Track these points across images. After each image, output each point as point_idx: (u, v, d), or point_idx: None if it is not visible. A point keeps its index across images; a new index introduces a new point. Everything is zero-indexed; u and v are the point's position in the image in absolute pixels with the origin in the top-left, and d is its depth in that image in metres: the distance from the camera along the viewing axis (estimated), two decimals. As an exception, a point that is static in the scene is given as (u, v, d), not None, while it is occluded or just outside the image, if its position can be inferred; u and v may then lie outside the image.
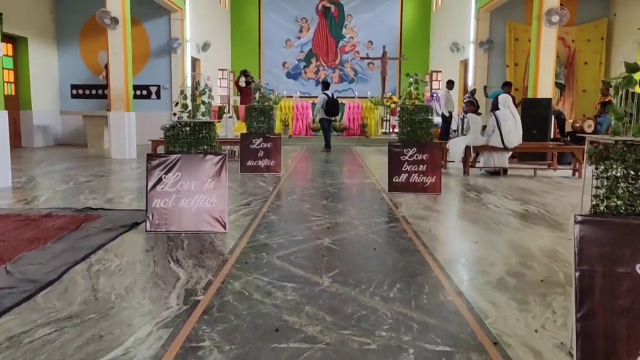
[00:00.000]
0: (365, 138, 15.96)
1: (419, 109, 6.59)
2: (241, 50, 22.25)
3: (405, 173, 6.54)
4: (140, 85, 14.85)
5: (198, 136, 4.44)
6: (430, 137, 6.64)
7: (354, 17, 22.93)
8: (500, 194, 6.53)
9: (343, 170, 9.16)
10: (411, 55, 21.33)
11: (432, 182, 6.50)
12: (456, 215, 5.21)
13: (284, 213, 5.24)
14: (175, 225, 4.28)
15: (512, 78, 14.77)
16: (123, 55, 10.61)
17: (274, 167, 8.32)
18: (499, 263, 3.52)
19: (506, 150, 8.36)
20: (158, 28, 14.70)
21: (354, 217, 5.05)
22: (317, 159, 11.21)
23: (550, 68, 10.48)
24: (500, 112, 8.25)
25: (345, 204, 5.78)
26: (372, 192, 6.71)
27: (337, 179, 7.85)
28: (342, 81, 23.09)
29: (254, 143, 8.35)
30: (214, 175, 4.37)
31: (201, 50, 16.95)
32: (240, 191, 6.60)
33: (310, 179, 7.81)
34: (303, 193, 6.48)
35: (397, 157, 6.58)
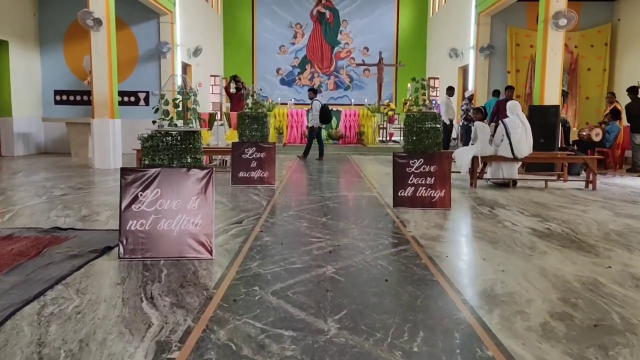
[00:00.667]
0: (362, 146, 15.43)
1: (426, 116, 6.04)
2: (234, 56, 21.72)
3: (411, 186, 5.98)
4: (127, 92, 14.27)
5: (181, 147, 3.85)
6: (438, 147, 6.09)
7: (349, 23, 22.48)
8: (515, 209, 5.98)
9: (341, 182, 8.60)
10: (408, 61, 20.86)
11: (441, 197, 5.95)
12: (472, 236, 4.64)
13: (280, 233, 4.65)
14: (153, 251, 3.69)
15: (514, 85, 14.29)
16: (107, 59, 10.01)
17: (267, 178, 7.74)
18: (537, 300, 2.95)
19: (516, 161, 7.83)
20: (146, 32, 14.13)
21: (358, 237, 4.47)
22: (313, 169, 10.64)
23: (558, 74, 9.99)
24: (509, 120, 7.72)
25: (347, 221, 5.20)
26: (374, 207, 6.14)
27: (335, 192, 7.27)
28: (338, 88, 22.61)
29: (246, 153, 7.77)
30: (199, 192, 3.78)
31: (192, 56, 16.39)
32: (231, 206, 6.01)
33: (307, 192, 7.24)
34: (300, 208, 5.90)
35: (402, 169, 6.02)
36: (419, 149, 6.09)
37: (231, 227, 4.87)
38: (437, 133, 6.06)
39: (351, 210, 5.90)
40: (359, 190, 7.41)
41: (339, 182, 8.56)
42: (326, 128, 15.94)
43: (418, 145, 6.09)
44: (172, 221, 3.72)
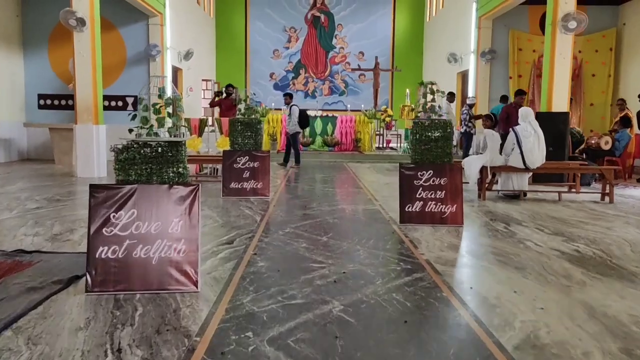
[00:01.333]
0: (359, 154, 14.90)
1: (436, 124, 5.51)
2: (226, 60, 21.20)
3: (419, 201, 5.45)
4: (115, 96, 13.68)
5: (162, 160, 3.29)
6: (449, 158, 5.57)
7: (344, 27, 22.03)
8: (533, 226, 5.46)
9: (340, 193, 8.05)
10: (404, 66, 20.44)
11: (452, 212, 5.41)
12: (494, 260, 4.11)
13: (276, 257, 4.09)
14: (127, 283, 3.12)
15: (516, 89, 13.84)
16: (91, 61, 9.43)
17: (261, 189, 7.19)
18: (595, 352, 2.41)
19: (527, 171, 7.33)
20: (135, 34, 13.55)
21: (365, 262, 3.92)
22: (309, 178, 10.09)
23: (566, 79, 9.53)
24: (520, 127, 7.22)
25: (351, 241, 4.65)
26: (379, 223, 5.59)
27: (335, 204, 6.73)
28: (332, 93, 22.13)
29: (239, 162, 7.21)
30: (182, 213, 3.22)
31: (183, 59, 15.83)
32: (221, 222, 5.44)
33: (304, 205, 6.68)
34: (297, 224, 5.34)
35: (409, 182, 5.48)
36: (427, 160, 5.56)
37: (221, 248, 4.30)
38: (448, 142, 5.53)
39: (354, 227, 5.35)
40: (360, 203, 6.86)
41: (338, 193, 8.02)
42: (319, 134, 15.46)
43: (427, 155, 5.56)
44: (150, 247, 3.15)
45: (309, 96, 21.96)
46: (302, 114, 11.76)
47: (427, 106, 5.63)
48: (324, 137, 15.51)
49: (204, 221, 5.46)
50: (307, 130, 15.61)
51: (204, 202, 6.72)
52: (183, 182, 3.31)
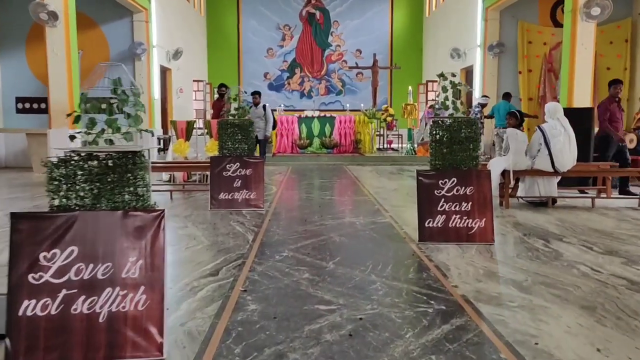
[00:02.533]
0: (360, 156, 14.05)
1: (461, 123, 4.65)
2: (219, 60, 20.33)
3: (442, 214, 4.58)
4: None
5: (114, 178, 2.42)
6: (475, 163, 4.71)
7: (340, 24, 21.20)
8: (577, 242, 4.60)
9: (344, 202, 7.18)
10: (403, 63, 19.61)
11: (481, 227, 4.55)
12: (550, 294, 3.23)
13: (271, 295, 3.21)
14: (63, 350, 2.24)
15: (525, 86, 13.05)
16: (66, 59, 8.56)
17: (255, 200, 6.31)
18: None
19: (555, 175, 6.48)
20: (119, 31, 12.67)
21: (385, 301, 3.06)
22: (308, 184, 9.22)
23: (589, 71, 8.70)
24: (548, 125, 6.37)
25: (364, 267, 3.78)
26: (394, 241, 4.73)
27: (340, 217, 5.85)
28: (329, 93, 21.30)
29: (229, 169, 6.34)
30: (142, 249, 2.35)
31: (172, 59, 14.95)
32: (207, 243, 4.57)
33: (304, 218, 5.81)
34: (297, 245, 4.47)
35: (429, 192, 4.62)
36: (450, 165, 4.70)
37: (202, 282, 3.43)
38: (475, 144, 4.67)
39: (365, 248, 4.48)
40: (368, 215, 5.99)
41: (341, 202, 7.14)
42: (320, 137, 14.58)
43: (450, 160, 4.70)
44: (96, 299, 2.28)
45: (305, 96, 21.13)
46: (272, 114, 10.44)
47: (448, 102, 4.72)
48: (322, 139, 14.65)
49: (187, 242, 4.58)
50: (305, 132, 14.77)
51: (189, 217, 5.85)
52: (144, 206, 2.43)
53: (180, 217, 5.84)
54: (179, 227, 5.26)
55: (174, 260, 3.93)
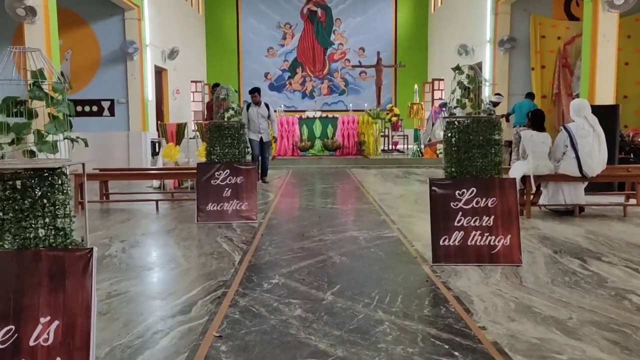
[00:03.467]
0: (363, 158, 13.38)
1: (481, 124, 3.99)
2: (218, 60, 19.70)
3: (459, 230, 3.91)
4: (89, 100, 12.16)
5: (22, 205, 1.77)
6: (498, 171, 4.04)
7: (343, 22, 20.51)
8: (619, 262, 3.93)
9: (346, 211, 6.51)
10: (408, 62, 18.89)
11: (506, 246, 3.88)
12: (602, 339, 2.56)
13: (253, 343, 2.55)
14: None
15: (538, 83, 12.34)
16: (45, 58, 7.92)
17: (246, 212, 5.65)
18: None
19: (583, 180, 5.80)
20: (109, 30, 12.02)
21: (396, 353, 2.39)
22: (308, 190, 8.57)
23: (612, 66, 8.01)
24: (574, 125, 5.69)
25: (368, 299, 3.12)
26: (404, 261, 4.06)
27: (341, 230, 5.19)
28: (332, 93, 20.61)
29: (217, 177, 5.68)
30: (60, 305, 1.70)
31: (167, 59, 14.33)
32: (185, 267, 3.92)
33: (301, 231, 5.16)
34: (291, 268, 3.82)
35: (445, 204, 3.95)
36: (468, 173, 4.04)
37: (169, 323, 2.77)
38: (497, 149, 4.00)
39: (370, 273, 3.80)
40: (373, 227, 5.33)
41: (343, 212, 6.47)
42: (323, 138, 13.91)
43: (467, 167, 4.03)
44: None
45: (307, 96, 20.47)
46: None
47: (465, 99, 4.04)
48: (323, 141, 13.99)
49: (162, 266, 3.93)
50: (306, 133, 14.11)
51: (171, 232, 5.21)
52: (64, 244, 1.78)
53: (162, 232, 5.20)
54: (158, 245, 4.61)
55: (140, 293, 3.28)
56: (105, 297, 3.13)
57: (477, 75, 4.11)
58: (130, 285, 3.38)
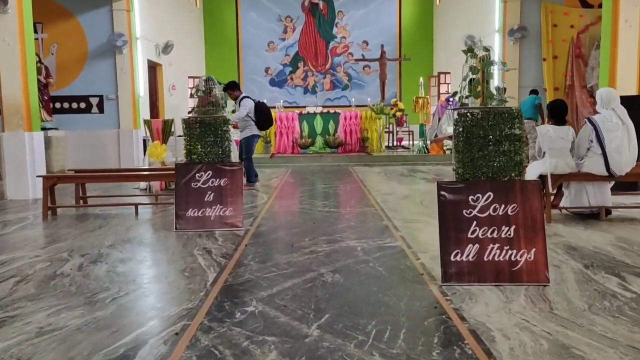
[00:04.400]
0: (367, 155, 12.73)
1: (498, 116, 3.34)
2: (216, 55, 19.08)
3: (474, 243, 3.28)
4: (76, 96, 11.60)
5: None
6: (518, 171, 3.40)
7: (345, 15, 19.84)
8: (664, 280, 3.29)
9: (344, 215, 5.86)
10: (413, 55, 18.16)
11: (529, 261, 3.24)
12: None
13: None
14: None
15: (550, 75, 11.67)
16: (19, 49, 7.33)
17: (231, 218, 5.04)
18: None
19: (609, 180, 5.14)
20: (97, 22, 11.43)
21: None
22: (305, 191, 7.95)
23: (634, 53, 7.31)
24: (601, 117, 5.03)
25: (363, 337, 2.50)
26: (407, 280, 3.43)
27: (337, 239, 4.56)
28: (335, 88, 19.95)
29: (198, 179, 5.07)
30: None
31: (162, 53, 13.73)
32: (148, 289, 3.30)
33: (291, 241, 4.54)
34: (272, 292, 3.20)
35: (456, 212, 3.32)
36: (484, 175, 3.40)
37: (106, 374, 2.16)
38: (518, 146, 3.36)
39: (367, 296, 3.16)
40: (374, 235, 4.70)
41: (342, 216, 5.83)
42: (325, 135, 13.27)
43: (482, 167, 3.39)
44: None
45: (309, 92, 19.83)
46: (260, 108, 7.99)
47: (478, 87, 3.40)
48: (325, 137, 13.36)
49: (119, 288, 3.31)
50: (306, 130, 13.47)
51: (144, 242, 4.60)
52: None
53: (134, 243, 4.58)
54: (123, 260, 3.99)
55: (80, 328, 2.65)
56: (35, 336, 2.51)
57: (491, 59, 3.46)
58: (71, 317, 2.76)
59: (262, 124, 8.03)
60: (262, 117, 7.92)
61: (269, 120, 8.06)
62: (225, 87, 7.63)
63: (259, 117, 7.89)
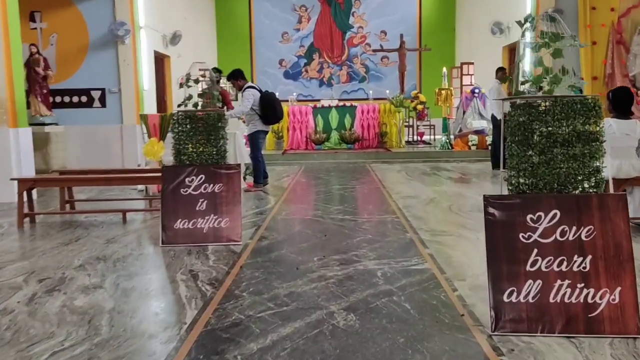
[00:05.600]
0: (385, 151, 11.87)
1: (568, 107, 2.50)
2: (229, 47, 18.33)
3: (535, 278, 2.44)
4: (77, 90, 10.89)
5: None
6: (596, 182, 2.55)
7: (362, 3, 18.92)
8: None
9: (361, 225, 5.02)
10: (434, 45, 17.19)
11: (613, 304, 2.39)
12: None
13: None
14: None
15: (589, 62, 10.63)
16: (2, 38, 6.63)
17: (227, 230, 4.25)
18: None
19: (683, 185, 4.25)
20: (98, 10, 10.71)
21: None
22: (318, 193, 7.14)
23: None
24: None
25: None
26: (443, 323, 2.60)
27: (351, 258, 3.76)
28: (352, 80, 19.08)
29: (188, 184, 4.29)
30: None
31: (169, 44, 13.01)
32: (101, 337, 2.52)
33: (296, 261, 3.75)
34: (265, 343, 2.41)
35: (510, 236, 2.49)
36: (547, 187, 2.55)
37: None
38: (594, 148, 2.51)
39: (390, 354, 2.35)
40: (397, 253, 3.88)
41: (358, 226, 5.00)
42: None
43: (545, 177, 2.55)
44: None
45: (325, 84, 18.98)
46: (265, 100, 7.05)
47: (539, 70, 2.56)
48: (340, 132, 12.52)
49: (68, 332, 2.54)
50: (321, 124, 12.65)
51: (121, 261, 3.83)
52: None
53: (109, 262, 3.82)
54: (87, 289, 3.23)
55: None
56: None
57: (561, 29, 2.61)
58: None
59: (267, 118, 7.07)
60: (267, 111, 6.98)
61: (274, 114, 7.09)
62: (228, 76, 6.89)
63: (263, 111, 6.97)
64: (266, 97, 7.08)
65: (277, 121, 7.62)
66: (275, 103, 7.10)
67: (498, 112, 9.24)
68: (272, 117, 7.11)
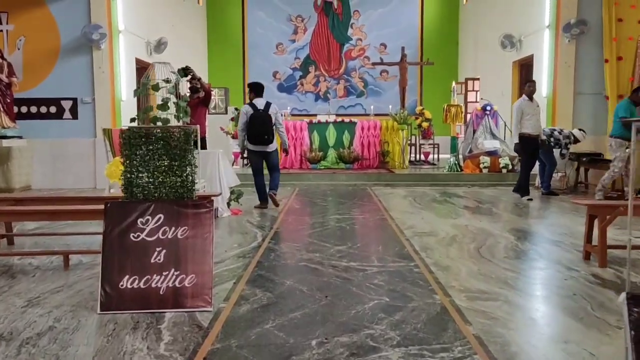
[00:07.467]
0: (387, 172, 10.78)
1: None
2: (220, 57, 17.35)
3: None
4: (46, 99, 9.81)
5: None
6: None
7: (362, 14, 18.03)
8: None
9: (372, 279, 3.87)
10: (436, 59, 16.24)
11: None
12: None
13: None
14: None
15: (614, 79, 9.68)
16: None
17: (192, 291, 3.10)
18: None
19: None
20: (72, 12, 9.66)
21: None
22: (315, 225, 5.98)
23: None
24: None
25: None
26: None
27: (368, 346, 2.62)
28: (349, 95, 18.11)
29: (142, 227, 3.15)
30: None
31: (154, 52, 11.92)
32: None
33: (287, 348, 2.61)
34: None
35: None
36: None
37: None
38: None
39: None
40: (428, 333, 2.75)
41: (367, 279, 3.85)
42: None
43: None
44: None
45: (321, 98, 17.98)
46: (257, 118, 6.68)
47: None
48: (338, 151, 11.43)
49: None
50: (317, 141, 11.57)
51: (28, 345, 2.66)
52: None
53: (18, 340, 2.65)
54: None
55: None
56: None
57: None
58: None
59: (249, 137, 6.77)
60: (250, 130, 6.72)
61: (251, 133, 6.72)
62: (252, 84, 7.08)
63: (248, 129, 6.75)
64: (252, 116, 6.72)
65: (258, 141, 6.80)
66: (256, 120, 6.67)
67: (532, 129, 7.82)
68: (250, 136, 6.73)
